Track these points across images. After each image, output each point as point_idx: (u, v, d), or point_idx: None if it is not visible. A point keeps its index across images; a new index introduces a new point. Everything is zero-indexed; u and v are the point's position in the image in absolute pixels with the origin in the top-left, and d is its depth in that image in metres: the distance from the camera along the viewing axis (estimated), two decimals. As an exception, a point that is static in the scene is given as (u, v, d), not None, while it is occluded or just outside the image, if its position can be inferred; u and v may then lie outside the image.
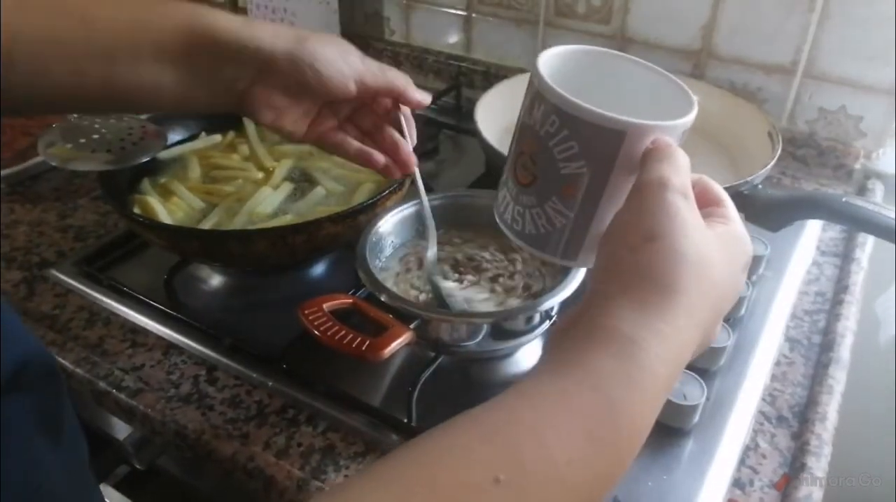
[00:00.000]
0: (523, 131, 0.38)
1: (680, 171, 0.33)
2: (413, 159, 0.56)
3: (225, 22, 0.48)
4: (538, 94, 0.37)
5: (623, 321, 0.31)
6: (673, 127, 0.36)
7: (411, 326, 0.49)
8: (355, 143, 0.55)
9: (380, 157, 0.55)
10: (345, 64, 0.50)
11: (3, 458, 0.35)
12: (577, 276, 0.52)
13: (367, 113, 0.56)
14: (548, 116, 0.36)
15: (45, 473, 0.37)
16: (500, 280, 0.57)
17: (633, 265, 0.32)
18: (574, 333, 0.32)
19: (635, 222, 0.33)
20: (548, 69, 0.38)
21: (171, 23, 0.47)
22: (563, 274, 0.53)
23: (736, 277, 0.35)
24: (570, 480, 0.28)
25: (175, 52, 0.47)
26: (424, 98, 0.55)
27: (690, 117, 0.37)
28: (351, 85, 0.50)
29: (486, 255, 0.59)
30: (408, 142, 0.56)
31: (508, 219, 0.41)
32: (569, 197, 0.37)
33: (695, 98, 0.39)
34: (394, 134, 0.56)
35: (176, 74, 0.47)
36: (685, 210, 0.32)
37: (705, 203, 0.36)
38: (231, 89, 0.50)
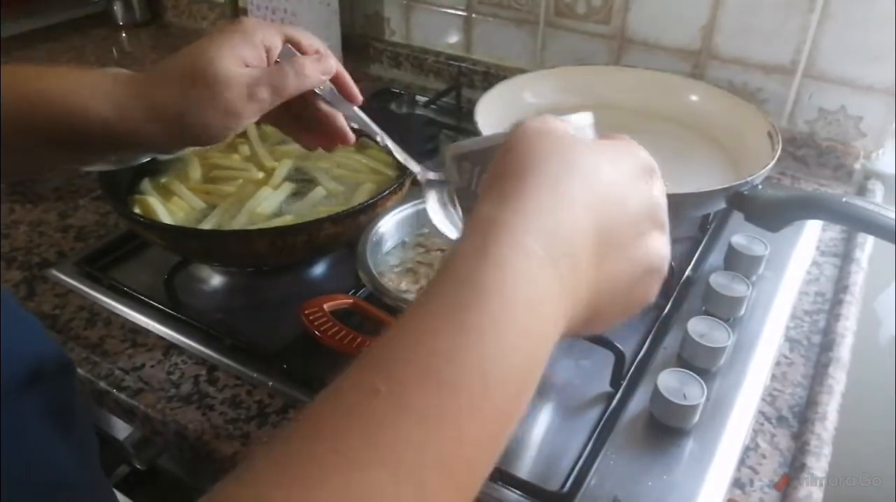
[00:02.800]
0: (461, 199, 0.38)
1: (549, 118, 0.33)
2: (348, 133, 0.54)
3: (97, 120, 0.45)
4: (458, 158, 0.37)
5: (483, 211, 0.29)
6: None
7: (411, 326, 0.49)
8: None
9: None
10: (225, 117, 0.46)
11: (19, 453, 0.35)
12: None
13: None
14: (467, 168, 0.36)
15: (59, 466, 0.38)
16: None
17: (500, 165, 0.31)
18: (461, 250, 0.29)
19: (509, 149, 0.32)
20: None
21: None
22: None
23: (621, 174, 0.32)
24: (444, 373, 0.25)
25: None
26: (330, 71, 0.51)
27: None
28: (234, 129, 0.48)
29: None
30: (337, 114, 0.53)
31: None
32: None
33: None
34: (323, 107, 0.53)
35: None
36: (557, 124, 0.32)
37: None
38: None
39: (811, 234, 0.76)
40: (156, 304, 0.64)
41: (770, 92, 0.89)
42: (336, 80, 0.53)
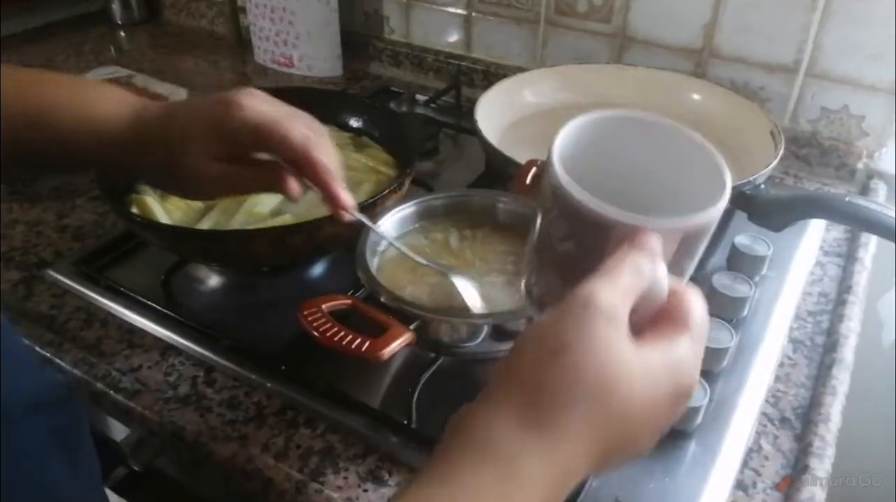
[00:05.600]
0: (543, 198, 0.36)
1: (616, 290, 0.30)
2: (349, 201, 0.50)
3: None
4: (547, 164, 0.35)
5: (504, 436, 0.29)
6: (671, 227, 0.32)
7: (411, 327, 0.49)
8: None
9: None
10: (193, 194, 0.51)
11: (19, 476, 0.35)
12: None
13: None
14: (547, 191, 0.34)
15: (58, 490, 0.38)
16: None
17: (531, 376, 0.30)
18: (459, 438, 0.30)
19: (544, 334, 0.30)
20: (571, 137, 0.36)
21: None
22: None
23: (656, 408, 0.31)
24: None
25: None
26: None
27: (703, 217, 0.32)
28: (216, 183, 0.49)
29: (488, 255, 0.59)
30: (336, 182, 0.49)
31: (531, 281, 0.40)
32: (564, 273, 0.35)
33: (727, 186, 0.34)
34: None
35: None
36: (602, 329, 0.29)
37: (666, 318, 0.33)
38: None
39: (814, 234, 0.75)
40: (153, 305, 0.64)
41: (772, 91, 0.89)
42: (317, 186, 0.49)
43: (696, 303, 0.33)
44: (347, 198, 0.49)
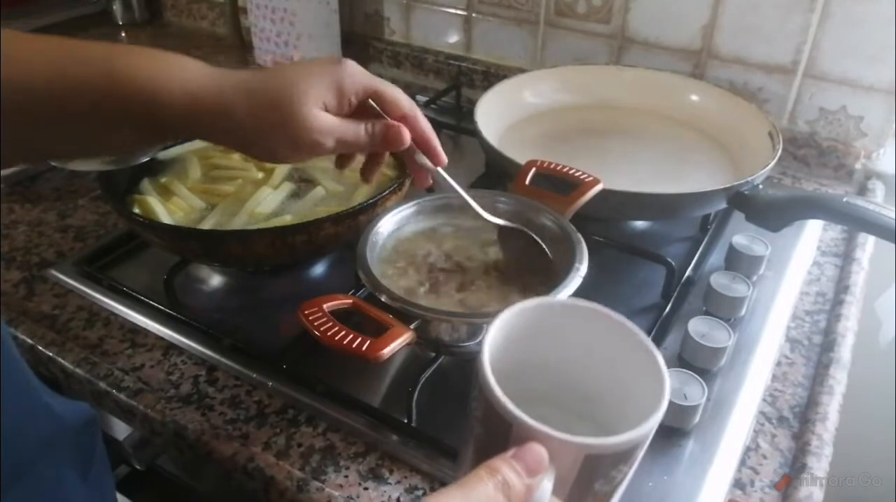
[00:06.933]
0: None
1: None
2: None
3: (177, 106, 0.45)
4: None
5: None
6: (573, 443, 0.30)
7: (411, 326, 0.49)
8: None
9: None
10: (289, 149, 0.48)
11: (39, 495, 0.36)
12: (577, 277, 0.52)
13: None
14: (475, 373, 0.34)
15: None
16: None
17: None
18: None
19: None
20: (518, 318, 0.36)
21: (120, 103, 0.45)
22: (564, 274, 0.53)
23: None
24: None
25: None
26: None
27: (611, 442, 0.30)
28: (291, 161, 0.50)
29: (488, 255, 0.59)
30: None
31: None
32: (476, 452, 0.35)
33: (663, 404, 0.32)
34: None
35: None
36: None
37: None
38: None
39: (812, 234, 0.76)
40: (155, 304, 0.64)
41: (771, 91, 0.89)
42: (418, 143, 0.54)
43: None
44: (445, 157, 0.55)
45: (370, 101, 0.52)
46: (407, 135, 0.52)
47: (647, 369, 0.34)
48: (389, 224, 0.60)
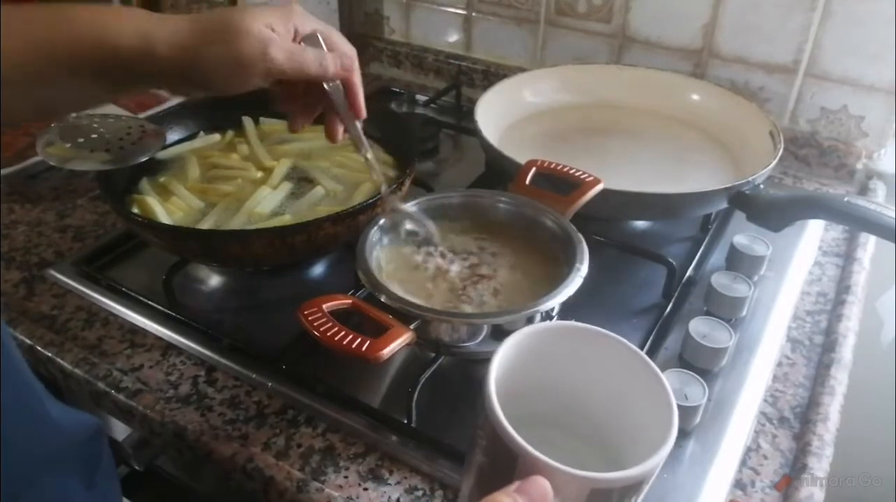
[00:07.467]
0: None
1: None
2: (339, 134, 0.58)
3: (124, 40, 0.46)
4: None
5: None
6: (581, 478, 0.30)
7: (411, 327, 0.49)
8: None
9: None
10: (236, 66, 0.48)
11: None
12: (578, 277, 0.52)
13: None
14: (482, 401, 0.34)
15: None
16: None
17: None
18: None
19: None
20: (522, 345, 0.36)
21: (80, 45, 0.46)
22: (564, 275, 0.53)
23: None
24: None
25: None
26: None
27: (617, 476, 0.30)
28: (242, 84, 0.49)
29: (488, 256, 0.59)
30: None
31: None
32: (478, 483, 0.35)
33: (672, 436, 0.32)
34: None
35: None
36: None
37: None
38: None
39: (813, 234, 0.76)
40: (154, 305, 0.64)
41: (772, 91, 0.89)
42: (348, 89, 0.56)
43: None
44: (365, 111, 0.58)
45: (316, 33, 0.53)
46: (355, 65, 0.55)
47: (656, 399, 0.34)
48: (389, 224, 0.59)
